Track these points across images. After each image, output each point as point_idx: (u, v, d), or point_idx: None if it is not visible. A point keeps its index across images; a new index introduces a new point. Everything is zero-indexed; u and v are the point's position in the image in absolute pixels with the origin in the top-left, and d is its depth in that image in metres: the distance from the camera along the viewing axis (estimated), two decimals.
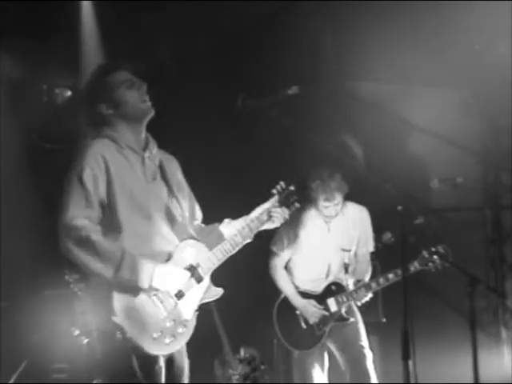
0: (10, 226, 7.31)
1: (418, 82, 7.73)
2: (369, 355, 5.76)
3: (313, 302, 5.78)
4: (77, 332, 6.26)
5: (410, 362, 4.07)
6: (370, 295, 5.76)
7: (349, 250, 5.89)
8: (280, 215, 4.17)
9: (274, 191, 4.19)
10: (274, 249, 5.92)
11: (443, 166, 7.77)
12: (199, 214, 4.31)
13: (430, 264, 5.55)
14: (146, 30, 7.42)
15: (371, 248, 6.02)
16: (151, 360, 3.73)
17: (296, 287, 5.88)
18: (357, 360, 5.76)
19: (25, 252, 7.29)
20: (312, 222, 5.90)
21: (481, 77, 7.50)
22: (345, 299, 5.75)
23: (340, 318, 5.77)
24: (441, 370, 6.92)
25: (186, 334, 3.86)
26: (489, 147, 8.03)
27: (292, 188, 4.22)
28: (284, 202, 4.20)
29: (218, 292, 4.05)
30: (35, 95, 7.87)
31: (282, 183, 4.20)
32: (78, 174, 3.80)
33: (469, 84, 7.77)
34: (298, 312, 5.82)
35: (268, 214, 4.15)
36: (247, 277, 7.00)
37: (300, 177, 5.84)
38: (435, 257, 5.53)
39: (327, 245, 5.85)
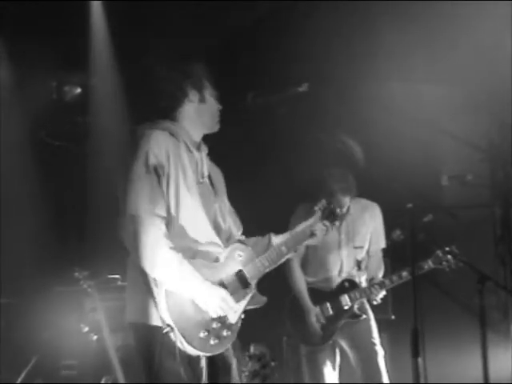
0: (19, 224, 7.34)
1: (426, 80, 7.72)
2: (380, 352, 5.76)
3: (317, 309, 5.79)
4: (86, 329, 6.27)
5: (420, 360, 4.07)
6: (383, 293, 5.76)
7: (361, 247, 5.89)
8: (322, 230, 4.18)
9: (316, 208, 4.21)
10: None
11: (452, 164, 7.76)
12: (240, 226, 4.24)
13: (444, 263, 5.56)
14: (154, 28, 7.43)
15: (383, 244, 6.02)
16: (195, 359, 3.70)
17: (309, 284, 5.88)
18: (368, 357, 5.75)
19: (34, 249, 7.32)
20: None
21: (488, 73, 7.48)
22: (358, 296, 5.74)
23: (352, 315, 5.77)
24: (450, 367, 6.92)
25: (230, 337, 3.81)
26: (496, 144, 8.01)
27: (332, 206, 4.26)
28: (326, 218, 4.21)
29: (263, 300, 4.02)
30: (44, 92, 7.89)
31: (324, 201, 4.23)
32: (143, 161, 3.68)
33: (476, 81, 7.76)
34: None
35: (310, 229, 4.16)
36: None
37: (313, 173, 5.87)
38: (449, 256, 5.54)
39: (339, 242, 5.85)
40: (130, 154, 3.75)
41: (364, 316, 5.78)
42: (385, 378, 5.71)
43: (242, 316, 3.90)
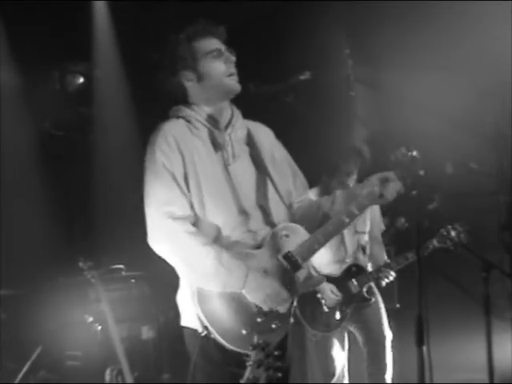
0: (23, 214, 7.34)
1: (432, 68, 7.69)
2: (388, 335, 5.78)
3: (331, 285, 5.77)
4: (90, 319, 6.27)
5: (424, 348, 4.05)
6: (392, 275, 5.72)
7: (363, 232, 5.88)
8: (393, 190, 3.57)
9: (393, 158, 3.53)
10: None
11: (457, 152, 7.74)
12: (304, 184, 3.89)
13: (448, 242, 5.54)
14: (159, 16, 7.41)
15: (382, 226, 6.03)
16: (240, 357, 3.40)
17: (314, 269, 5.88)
18: (377, 340, 5.80)
19: (38, 239, 7.31)
20: None
21: (496, 61, 7.45)
22: (365, 280, 5.75)
23: (362, 299, 5.78)
24: (455, 355, 6.92)
25: (281, 329, 3.51)
26: (503, 133, 7.98)
27: (415, 154, 3.54)
28: (403, 173, 3.54)
29: (321, 280, 3.76)
30: (47, 82, 7.88)
31: (402, 148, 3.54)
32: (151, 159, 3.50)
33: (484, 69, 7.72)
34: (318, 295, 5.82)
35: (380, 187, 3.56)
36: None
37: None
38: (453, 233, 5.51)
39: None
40: (147, 148, 3.60)
41: (373, 299, 5.79)
42: (389, 362, 5.74)
43: (295, 303, 3.59)
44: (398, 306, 6.10)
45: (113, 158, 8.03)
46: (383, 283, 5.77)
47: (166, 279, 3.87)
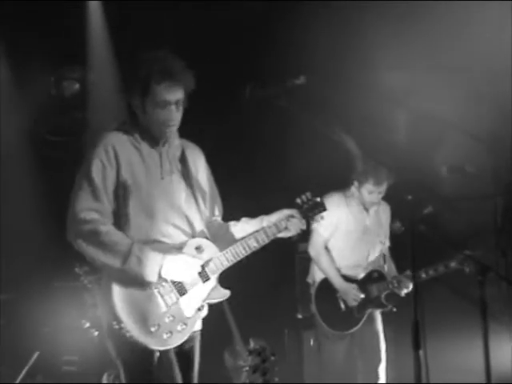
0: (19, 219, 7.33)
1: (427, 71, 7.69)
2: (383, 360, 5.90)
3: (354, 285, 5.81)
4: (87, 324, 6.27)
5: (421, 352, 4.06)
6: (411, 286, 5.71)
7: (383, 243, 6.00)
8: (297, 226, 4.03)
9: (298, 201, 4.04)
10: (316, 225, 5.81)
11: (453, 155, 7.74)
12: (219, 210, 4.21)
13: (465, 267, 5.53)
14: (153, 21, 7.41)
15: (388, 243, 6.09)
16: (150, 354, 3.71)
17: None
18: (373, 347, 5.91)
19: (35, 244, 7.30)
20: (352, 207, 5.92)
21: (491, 63, 7.45)
22: (386, 287, 5.77)
23: (379, 305, 5.80)
24: (452, 359, 6.91)
25: (184, 331, 3.80)
26: (499, 135, 7.99)
27: (318, 200, 4.07)
28: (306, 214, 4.06)
29: (225, 294, 3.99)
30: (43, 88, 7.87)
31: (307, 194, 4.05)
32: (87, 167, 3.77)
33: (479, 71, 7.73)
34: (338, 294, 5.84)
35: (286, 221, 4.02)
36: (257, 267, 6.99)
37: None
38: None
39: (366, 233, 5.89)
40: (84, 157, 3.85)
41: (390, 307, 5.80)
42: (383, 369, 5.83)
43: (203, 309, 3.89)
44: (394, 309, 6.08)
45: None
46: (402, 293, 5.78)
47: None
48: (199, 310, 3.87)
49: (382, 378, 5.86)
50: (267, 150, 7.52)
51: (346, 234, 5.90)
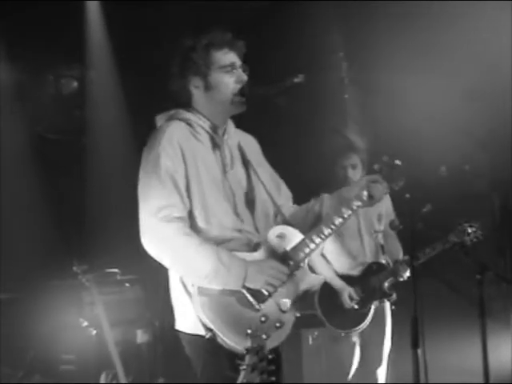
0: (17, 218, 7.33)
1: (425, 71, 7.70)
2: (384, 364, 5.82)
3: (350, 289, 5.72)
4: (85, 323, 6.25)
5: (420, 350, 4.06)
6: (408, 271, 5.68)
7: (380, 231, 5.88)
8: (380, 191, 3.72)
9: (376, 166, 3.78)
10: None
11: (451, 154, 7.75)
12: (288, 194, 3.98)
13: (466, 237, 5.48)
14: (152, 21, 7.41)
15: (397, 222, 6.02)
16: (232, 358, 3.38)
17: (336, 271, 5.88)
18: (377, 345, 5.81)
19: (33, 243, 7.30)
20: None
21: (488, 64, 7.46)
22: (386, 275, 5.73)
23: (383, 294, 5.75)
24: (450, 357, 6.92)
25: (283, 329, 3.57)
26: (495, 134, 8.00)
27: (398, 162, 3.76)
28: (387, 177, 3.76)
29: (319, 279, 3.81)
30: (41, 86, 7.87)
31: (385, 157, 3.78)
32: (155, 162, 3.48)
33: (476, 71, 7.74)
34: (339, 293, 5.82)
35: (368, 189, 3.71)
36: None
37: None
38: (470, 230, 5.46)
39: (358, 228, 5.84)
40: (146, 150, 3.58)
41: (394, 295, 5.75)
42: (383, 368, 5.77)
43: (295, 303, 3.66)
44: (393, 307, 6.08)
45: (107, 160, 8.02)
46: (401, 279, 5.73)
47: (160, 282, 3.87)
48: (295, 302, 3.64)
49: (382, 379, 5.80)
50: (266, 150, 7.51)
51: (341, 235, 5.85)
